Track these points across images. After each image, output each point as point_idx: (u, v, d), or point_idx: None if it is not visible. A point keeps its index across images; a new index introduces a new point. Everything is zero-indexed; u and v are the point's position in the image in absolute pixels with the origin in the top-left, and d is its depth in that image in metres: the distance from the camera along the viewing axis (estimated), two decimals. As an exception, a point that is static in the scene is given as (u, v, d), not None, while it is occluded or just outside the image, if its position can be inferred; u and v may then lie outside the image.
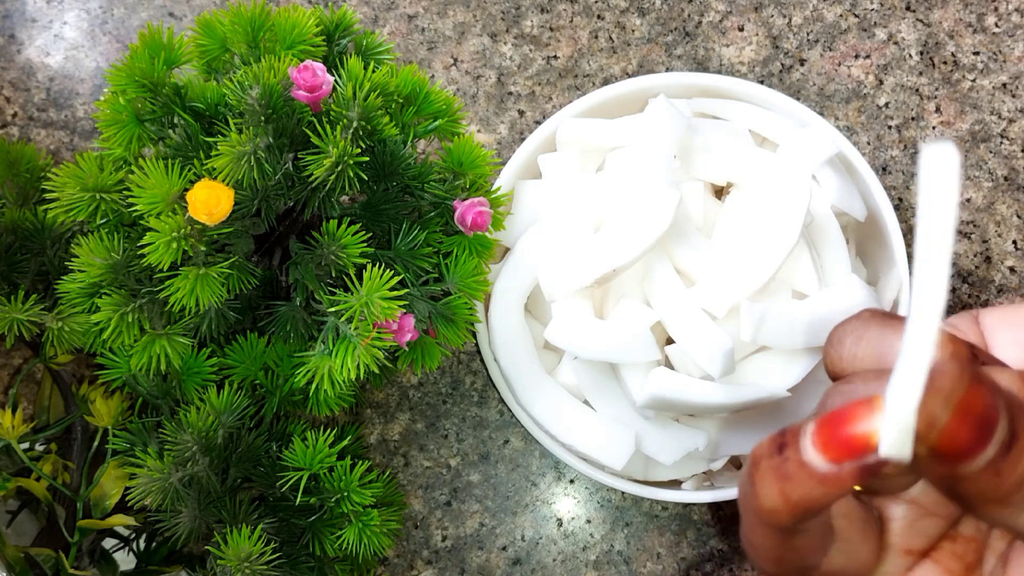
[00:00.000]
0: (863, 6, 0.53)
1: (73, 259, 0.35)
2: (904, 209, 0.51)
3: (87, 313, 0.35)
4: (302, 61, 0.33)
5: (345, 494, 0.39)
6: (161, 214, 0.33)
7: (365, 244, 0.35)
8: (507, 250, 0.44)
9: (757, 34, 0.52)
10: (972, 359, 0.24)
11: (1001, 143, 0.51)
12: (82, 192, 0.34)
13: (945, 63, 0.52)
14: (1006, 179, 0.51)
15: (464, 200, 0.37)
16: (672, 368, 0.41)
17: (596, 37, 0.52)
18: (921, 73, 0.52)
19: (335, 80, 0.34)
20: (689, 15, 0.53)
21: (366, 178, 0.34)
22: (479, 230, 0.37)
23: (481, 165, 0.38)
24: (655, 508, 0.49)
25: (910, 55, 0.52)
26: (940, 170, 0.21)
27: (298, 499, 0.38)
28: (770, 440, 0.22)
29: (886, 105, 0.52)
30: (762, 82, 0.52)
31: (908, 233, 0.51)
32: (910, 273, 0.43)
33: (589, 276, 0.39)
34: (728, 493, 0.42)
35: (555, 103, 0.52)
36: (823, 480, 0.21)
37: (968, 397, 0.20)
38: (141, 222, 0.33)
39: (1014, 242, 0.51)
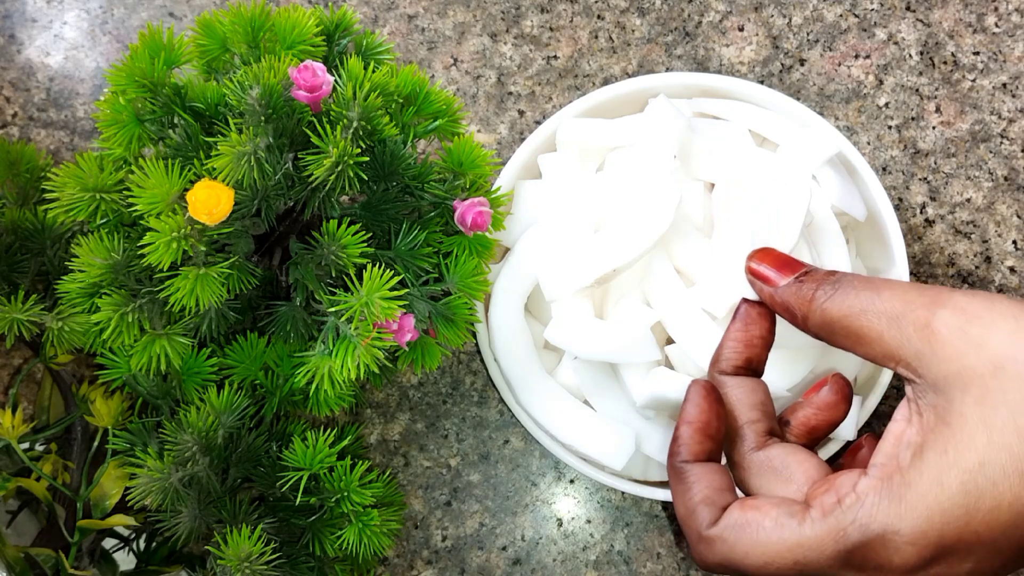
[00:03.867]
0: (863, 6, 0.53)
1: (73, 259, 0.35)
2: (904, 209, 0.51)
3: (87, 313, 0.35)
4: (302, 61, 0.33)
5: (345, 494, 0.39)
6: (161, 214, 0.33)
7: (365, 244, 0.35)
8: (507, 250, 0.44)
9: (757, 34, 0.52)
10: None
11: (1001, 143, 0.51)
12: (82, 192, 0.34)
13: (945, 63, 0.52)
14: (1006, 179, 0.51)
15: (464, 200, 0.37)
16: (672, 368, 0.41)
17: (596, 37, 0.52)
18: (921, 73, 0.52)
19: (335, 80, 0.34)
20: (689, 15, 0.53)
21: (366, 178, 0.34)
22: (479, 230, 0.37)
23: (481, 165, 0.38)
24: (655, 508, 0.49)
25: (910, 55, 0.52)
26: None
27: (298, 499, 0.38)
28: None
29: (886, 105, 0.52)
30: (762, 82, 0.52)
31: (908, 233, 0.51)
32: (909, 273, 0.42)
33: (589, 276, 0.39)
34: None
35: (555, 103, 0.52)
36: None
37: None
38: (141, 222, 0.33)
39: (1014, 242, 0.51)
